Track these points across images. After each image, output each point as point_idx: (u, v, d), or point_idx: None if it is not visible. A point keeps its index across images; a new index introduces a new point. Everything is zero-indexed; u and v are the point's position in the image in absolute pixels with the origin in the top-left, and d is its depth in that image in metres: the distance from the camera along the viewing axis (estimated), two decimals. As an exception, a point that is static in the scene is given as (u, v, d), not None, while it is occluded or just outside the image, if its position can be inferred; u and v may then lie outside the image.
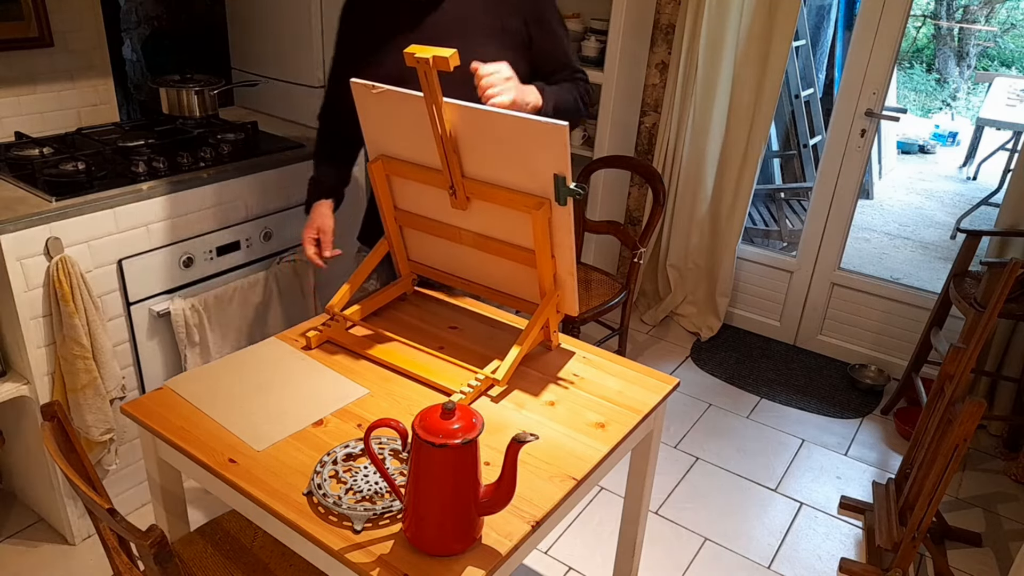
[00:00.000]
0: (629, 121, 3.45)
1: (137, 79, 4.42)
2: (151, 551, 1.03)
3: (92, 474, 1.27)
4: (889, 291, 3.21)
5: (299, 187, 2.41)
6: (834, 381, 3.23)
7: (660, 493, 2.52)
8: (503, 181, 1.54)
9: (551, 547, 2.28)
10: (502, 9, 1.80)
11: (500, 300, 1.77)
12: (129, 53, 4.37)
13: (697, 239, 3.45)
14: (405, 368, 1.60)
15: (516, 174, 1.51)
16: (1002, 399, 2.91)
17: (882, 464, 2.75)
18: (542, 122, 1.40)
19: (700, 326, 3.53)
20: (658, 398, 1.57)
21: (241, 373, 1.57)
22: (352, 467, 1.33)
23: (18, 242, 1.81)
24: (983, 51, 7.70)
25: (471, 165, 1.56)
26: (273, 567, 1.48)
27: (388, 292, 1.86)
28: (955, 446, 1.87)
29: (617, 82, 3.20)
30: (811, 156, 4.59)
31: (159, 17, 4.48)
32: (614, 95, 3.21)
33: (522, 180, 1.51)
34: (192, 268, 2.18)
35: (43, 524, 2.24)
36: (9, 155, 2.14)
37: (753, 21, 3.04)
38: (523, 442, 1.10)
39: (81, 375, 1.94)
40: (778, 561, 2.29)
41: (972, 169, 6.18)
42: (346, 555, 1.16)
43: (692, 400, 3.04)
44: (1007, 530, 2.47)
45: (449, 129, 1.52)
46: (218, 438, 1.39)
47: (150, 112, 3.75)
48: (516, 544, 1.20)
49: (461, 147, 1.55)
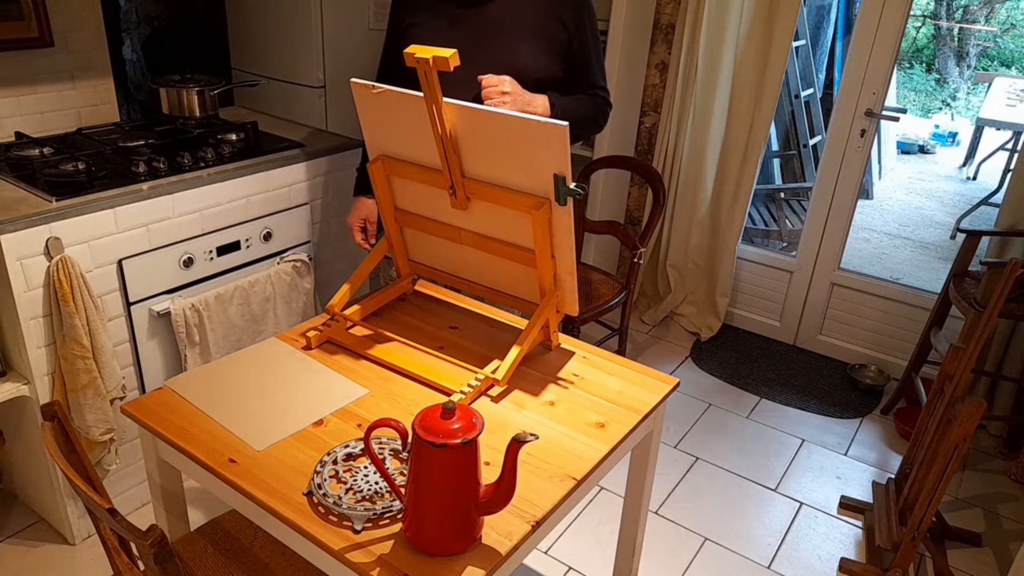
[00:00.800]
0: (629, 121, 3.46)
1: (137, 79, 4.42)
2: (151, 551, 1.03)
3: (92, 474, 1.27)
4: (889, 291, 3.21)
5: (299, 187, 2.41)
6: (834, 381, 3.23)
7: (660, 493, 2.53)
8: (503, 181, 1.54)
9: (551, 547, 2.28)
10: (546, 12, 1.82)
11: (500, 300, 1.77)
12: (129, 53, 4.37)
13: (697, 239, 3.45)
14: (405, 368, 1.60)
15: (516, 174, 1.51)
16: (1002, 399, 2.91)
17: (882, 464, 2.75)
18: (541, 122, 1.40)
19: (700, 326, 3.54)
20: (658, 398, 1.58)
21: (241, 373, 1.57)
22: (352, 467, 1.33)
23: (18, 242, 1.81)
24: (983, 51, 7.70)
25: (471, 165, 1.57)
26: (273, 567, 1.48)
27: (388, 292, 1.86)
28: (955, 446, 1.87)
29: (617, 82, 3.20)
30: (811, 156, 4.59)
31: (159, 17, 4.49)
32: (614, 95, 3.20)
33: (522, 180, 1.51)
34: (192, 268, 2.18)
35: (43, 524, 2.24)
36: (9, 155, 2.14)
37: (753, 21, 3.04)
38: (523, 442, 1.10)
39: (81, 375, 1.94)
40: (778, 561, 2.29)
41: (972, 169, 6.18)
42: (346, 555, 1.16)
43: (692, 400, 3.04)
44: (1007, 530, 2.47)
45: (449, 129, 1.52)
46: (218, 438, 1.39)
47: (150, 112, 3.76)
48: (516, 544, 1.20)
49: (461, 147, 1.55)
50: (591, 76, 1.95)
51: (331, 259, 2.61)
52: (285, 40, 3.62)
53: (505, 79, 1.72)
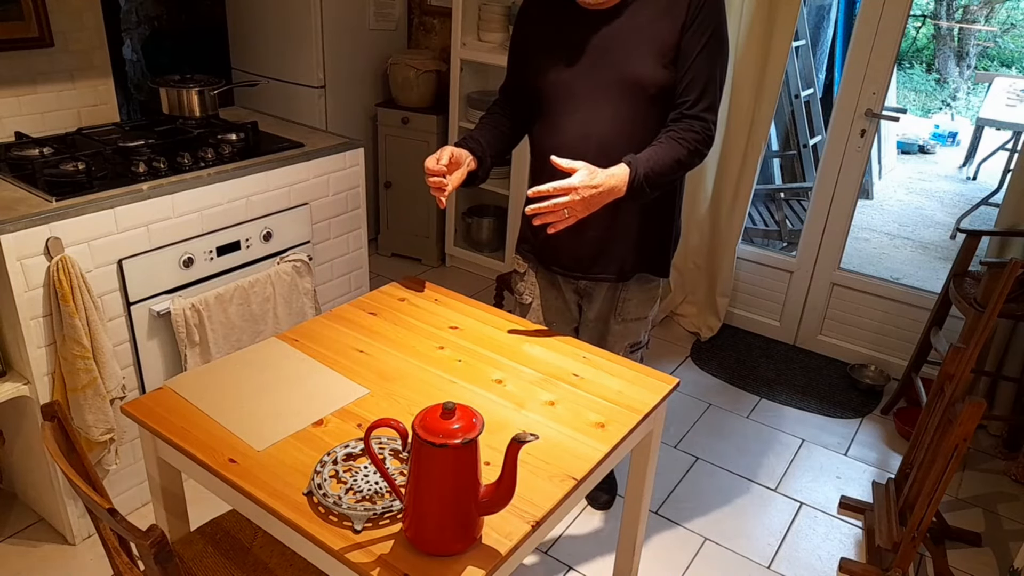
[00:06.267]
0: (629, 121, 3.45)
1: (137, 79, 4.42)
2: (151, 551, 1.03)
3: (92, 474, 1.28)
4: (889, 291, 3.21)
5: (299, 187, 2.41)
6: (834, 381, 3.23)
7: (660, 493, 2.53)
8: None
9: (551, 547, 2.28)
10: (667, 19, 1.70)
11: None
12: (129, 53, 4.37)
13: (697, 239, 3.45)
14: (405, 368, 1.60)
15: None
16: (1002, 399, 2.91)
17: (882, 464, 2.75)
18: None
19: (700, 326, 3.54)
20: (658, 398, 1.58)
21: (241, 373, 1.57)
22: (352, 467, 1.33)
23: (18, 242, 1.81)
24: (983, 51, 7.70)
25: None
26: (273, 567, 1.48)
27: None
28: (955, 446, 1.87)
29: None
30: (811, 156, 4.59)
31: (159, 17, 4.49)
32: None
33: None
34: (192, 268, 2.18)
35: (43, 524, 2.24)
36: (9, 155, 2.14)
37: (753, 21, 3.04)
38: (523, 442, 1.10)
39: (81, 375, 1.94)
40: (778, 561, 2.29)
41: (972, 169, 6.18)
42: (346, 555, 1.16)
43: (692, 400, 3.04)
44: (1007, 530, 2.47)
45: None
46: (218, 438, 1.39)
47: (150, 112, 3.76)
48: (516, 544, 1.20)
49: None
50: (690, 91, 1.71)
51: (331, 259, 2.61)
52: (285, 40, 3.62)
53: (571, 185, 1.56)
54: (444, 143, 3.73)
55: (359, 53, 3.76)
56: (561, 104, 1.79)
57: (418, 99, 3.74)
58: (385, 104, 3.82)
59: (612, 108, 1.74)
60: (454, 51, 3.59)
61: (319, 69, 3.59)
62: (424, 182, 1.72)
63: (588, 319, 2.08)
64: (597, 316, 2.05)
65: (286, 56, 3.64)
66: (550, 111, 1.82)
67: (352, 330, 1.75)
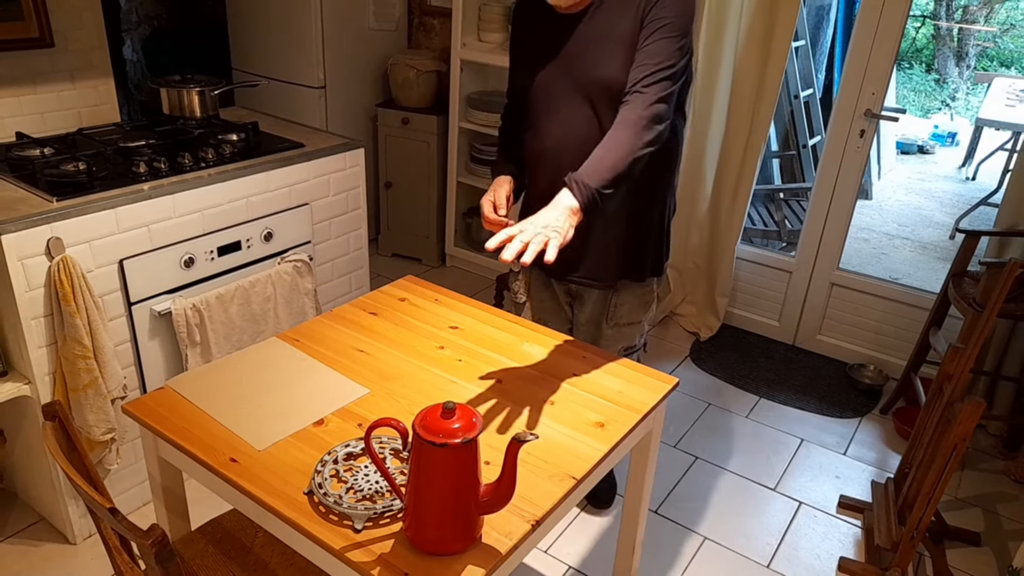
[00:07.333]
0: (629, 121, 3.45)
1: (138, 79, 4.42)
2: (152, 550, 1.04)
3: (93, 473, 1.28)
4: (888, 291, 3.21)
5: (300, 187, 2.42)
6: (833, 381, 3.23)
7: (660, 493, 2.53)
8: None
9: (551, 547, 2.29)
10: (628, 15, 1.70)
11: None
12: (130, 53, 4.37)
13: (697, 239, 3.45)
14: (406, 368, 1.61)
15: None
16: (1001, 399, 2.92)
17: (881, 464, 2.76)
18: None
19: (699, 326, 3.54)
20: (657, 397, 1.58)
21: (242, 373, 1.57)
22: (353, 466, 1.33)
23: (19, 242, 1.81)
24: (982, 51, 7.71)
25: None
26: (274, 566, 1.48)
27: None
28: (954, 446, 1.87)
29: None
30: (810, 156, 4.59)
31: (159, 17, 4.49)
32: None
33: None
34: (193, 268, 2.18)
35: (44, 523, 2.24)
36: (10, 155, 2.14)
37: (753, 21, 3.04)
38: (523, 441, 1.11)
39: (82, 375, 1.94)
40: (777, 560, 2.30)
41: (971, 169, 6.18)
42: (346, 554, 1.16)
43: (691, 400, 3.05)
44: (1006, 530, 2.48)
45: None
46: (219, 437, 1.39)
47: (151, 112, 3.76)
48: (516, 543, 1.20)
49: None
50: (638, 72, 1.66)
51: (331, 259, 2.62)
52: (285, 40, 3.62)
53: (517, 229, 1.43)
54: (444, 143, 3.75)
55: (359, 53, 3.77)
56: (543, 106, 1.83)
57: (418, 99, 3.75)
58: (385, 104, 3.82)
59: (589, 109, 1.77)
60: (454, 51, 3.59)
61: (319, 69, 3.59)
62: (424, 182, 1.75)
63: (580, 322, 2.08)
64: (589, 319, 2.05)
65: (286, 56, 3.65)
66: (534, 113, 1.86)
67: (352, 330, 1.76)
